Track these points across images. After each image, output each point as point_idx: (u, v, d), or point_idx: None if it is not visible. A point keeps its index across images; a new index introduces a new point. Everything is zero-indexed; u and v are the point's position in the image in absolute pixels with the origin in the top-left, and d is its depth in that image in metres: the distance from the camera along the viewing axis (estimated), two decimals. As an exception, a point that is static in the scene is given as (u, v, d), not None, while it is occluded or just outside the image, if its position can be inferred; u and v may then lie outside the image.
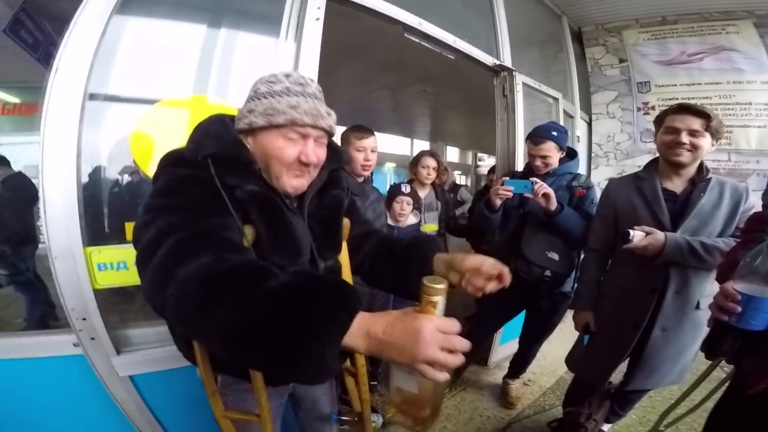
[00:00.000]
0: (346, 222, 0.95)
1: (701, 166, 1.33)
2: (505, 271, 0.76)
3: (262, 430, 0.81)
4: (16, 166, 2.57)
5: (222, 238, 0.63)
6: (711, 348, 1.04)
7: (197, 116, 1.15)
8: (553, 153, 1.72)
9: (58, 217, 1.05)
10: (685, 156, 1.27)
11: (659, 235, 1.24)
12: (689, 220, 1.27)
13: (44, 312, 2.32)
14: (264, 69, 1.35)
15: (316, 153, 0.77)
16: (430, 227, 2.21)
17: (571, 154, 1.84)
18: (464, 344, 0.52)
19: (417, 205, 2.06)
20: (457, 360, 0.51)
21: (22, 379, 1.17)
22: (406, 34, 1.89)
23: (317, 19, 1.39)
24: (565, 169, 1.79)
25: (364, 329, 0.52)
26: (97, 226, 1.13)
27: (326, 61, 1.42)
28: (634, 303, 1.38)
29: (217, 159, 0.70)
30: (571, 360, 1.68)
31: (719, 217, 1.27)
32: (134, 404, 1.27)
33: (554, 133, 1.72)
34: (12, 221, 2.41)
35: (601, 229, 1.52)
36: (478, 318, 2.19)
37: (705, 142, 1.25)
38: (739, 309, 0.78)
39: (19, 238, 2.38)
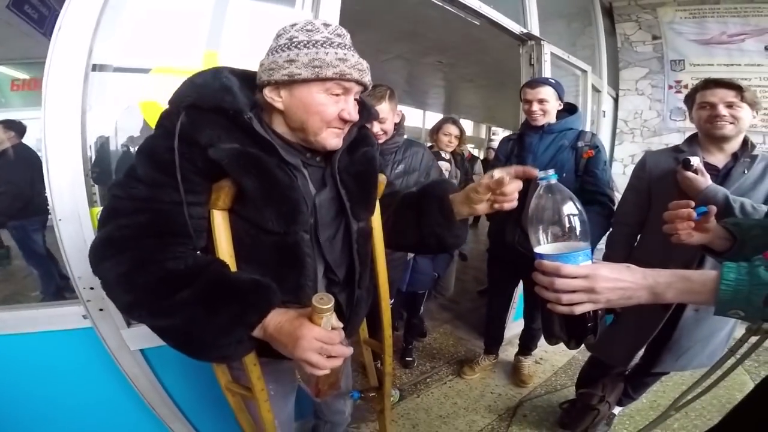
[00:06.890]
0: (382, 178, 0.89)
1: (745, 141, 1.25)
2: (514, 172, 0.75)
3: (256, 407, 0.79)
4: (26, 140, 2.53)
5: (165, 229, 0.64)
6: (546, 330, 0.96)
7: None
8: (551, 99, 1.59)
9: (63, 176, 0.98)
10: (728, 129, 1.20)
11: (708, 178, 1.16)
12: None
13: (59, 285, 2.32)
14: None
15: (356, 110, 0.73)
16: None
17: (570, 109, 1.69)
18: (341, 351, 0.62)
19: None
20: (332, 363, 0.61)
21: (32, 353, 1.13)
22: (429, -3, 1.76)
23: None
24: (566, 125, 1.63)
25: (263, 323, 0.63)
26: (105, 186, 1.05)
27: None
28: None
29: (195, 111, 0.65)
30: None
31: (761, 191, 1.19)
32: (145, 378, 1.22)
33: (552, 80, 1.63)
34: (19, 188, 2.38)
35: (633, 202, 1.43)
36: (491, 294, 2.14)
37: (744, 113, 1.18)
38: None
39: (25, 207, 2.36)
